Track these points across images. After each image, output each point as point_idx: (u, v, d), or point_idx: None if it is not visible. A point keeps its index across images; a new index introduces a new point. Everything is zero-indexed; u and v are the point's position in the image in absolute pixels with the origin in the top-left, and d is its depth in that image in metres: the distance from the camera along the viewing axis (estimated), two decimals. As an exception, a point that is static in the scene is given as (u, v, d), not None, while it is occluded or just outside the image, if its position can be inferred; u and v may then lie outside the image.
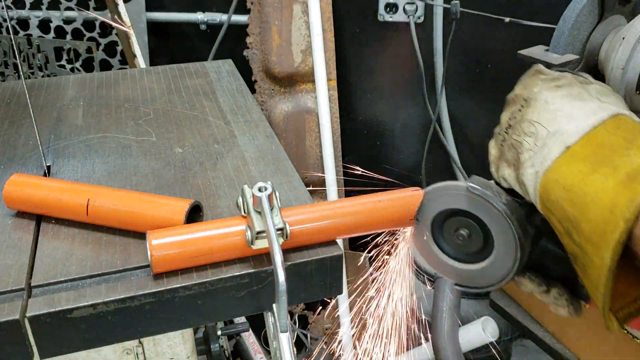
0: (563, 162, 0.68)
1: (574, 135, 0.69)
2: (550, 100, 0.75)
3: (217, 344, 1.04)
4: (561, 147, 0.69)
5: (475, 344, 1.58)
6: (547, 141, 0.70)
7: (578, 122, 0.70)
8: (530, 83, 0.80)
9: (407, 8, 1.90)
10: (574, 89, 0.76)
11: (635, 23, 1.30)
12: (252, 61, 1.96)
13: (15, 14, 1.90)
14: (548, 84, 0.78)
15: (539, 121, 0.73)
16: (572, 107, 0.73)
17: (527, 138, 0.74)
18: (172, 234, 0.72)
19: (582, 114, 0.71)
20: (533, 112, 0.75)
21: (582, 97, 0.75)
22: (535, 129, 0.73)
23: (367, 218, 0.79)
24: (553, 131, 0.71)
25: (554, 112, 0.73)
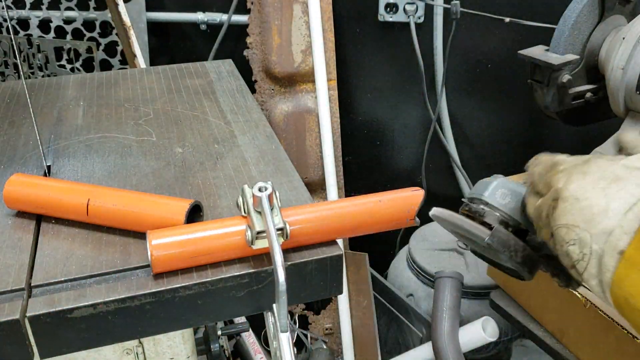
0: (623, 275, 0.58)
1: (621, 237, 0.58)
2: (580, 195, 0.63)
3: (217, 344, 1.04)
4: (614, 254, 0.58)
5: (475, 344, 1.58)
6: (594, 246, 0.60)
7: (621, 216, 0.59)
8: (552, 179, 0.68)
9: (407, 8, 1.90)
10: (606, 171, 0.63)
11: (635, 23, 1.30)
12: (252, 61, 1.96)
13: (15, 14, 1.90)
14: (572, 173, 0.66)
15: (576, 224, 0.62)
16: (607, 197, 0.61)
17: (572, 247, 0.63)
18: (172, 234, 0.72)
19: (621, 204, 0.59)
20: (566, 215, 0.63)
21: (617, 177, 0.62)
22: (577, 235, 0.62)
23: (367, 218, 0.79)
24: (597, 234, 0.60)
25: (589, 209, 0.61)
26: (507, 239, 0.74)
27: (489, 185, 0.78)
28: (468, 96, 2.06)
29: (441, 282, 1.61)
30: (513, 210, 0.76)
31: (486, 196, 0.77)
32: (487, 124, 2.11)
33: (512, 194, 0.77)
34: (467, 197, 0.81)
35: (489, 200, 0.77)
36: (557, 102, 1.39)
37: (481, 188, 0.79)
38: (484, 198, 0.77)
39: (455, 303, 1.59)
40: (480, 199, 0.78)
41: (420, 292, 1.85)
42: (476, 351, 1.63)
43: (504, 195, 0.77)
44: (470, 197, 0.80)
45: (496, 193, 0.77)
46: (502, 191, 0.77)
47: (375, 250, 2.11)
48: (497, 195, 0.77)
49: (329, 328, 2.17)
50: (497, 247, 0.74)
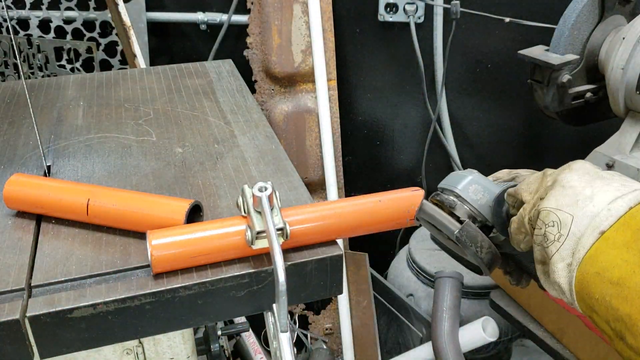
0: (599, 250, 0.60)
1: (606, 218, 0.61)
2: (566, 184, 0.66)
3: (217, 344, 1.04)
4: (594, 233, 0.61)
5: (475, 344, 1.58)
6: (574, 228, 0.63)
7: (607, 204, 0.62)
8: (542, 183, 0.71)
9: (407, 8, 1.90)
10: (590, 170, 0.68)
11: (635, 23, 1.30)
12: (252, 61, 1.96)
13: (15, 14, 1.90)
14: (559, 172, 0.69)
15: (560, 207, 0.65)
16: (592, 187, 0.64)
17: (550, 228, 0.65)
18: (172, 234, 0.72)
19: (606, 195, 0.63)
20: (550, 200, 0.66)
21: (601, 176, 0.66)
22: (557, 217, 0.64)
23: (367, 218, 0.79)
24: (579, 215, 0.63)
25: (574, 196, 0.64)
26: (475, 235, 0.76)
27: (463, 179, 0.80)
28: (468, 96, 2.06)
29: (441, 282, 1.61)
30: (483, 207, 0.78)
31: (459, 189, 0.79)
32: (487, 124, 2.11)
33: (485, 191, 0.79)
34: (439, 187, 0.82)
35: (461, 193, 0.79)
36: (557, 102, 1.39)
37: (454, 180, 0.80)
38: (456, 191, 0.79)
39: (455, 303, 1.59)
40: (453, 190, 0.80)
41: (420, 292, 1.85)
42: (476, 351, 1.63)
43: (477, 192, 0.78)
44: (442, 188, 0.82)
45: (469, 188, 0.79)
46: (475, 187, 0.79)
47: (375, 250, 2.11)
48: (470, 191, 0.79)
49: (329, 328, 2.17)
50: (465, 241, 0.75)
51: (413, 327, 1.83)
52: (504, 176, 0.87)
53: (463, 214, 0.78)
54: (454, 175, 0.82)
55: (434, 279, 1.66)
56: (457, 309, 1.59)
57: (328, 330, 2.17)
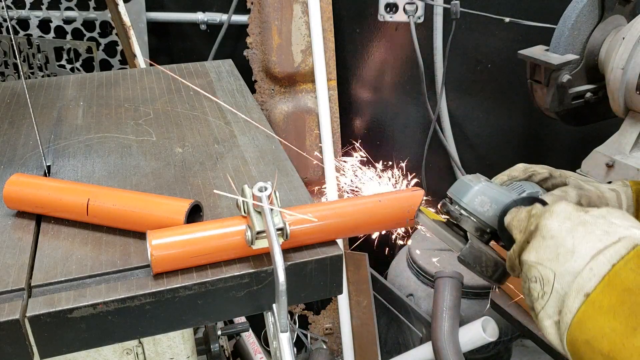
0: (587, 315, 0.57)
1: (590, 278, 0.58)
2: (546, 233, 0.63)
3: (217, 343, 1.04)
4: (579, 295, 0.58)
5: (475, 343, 1.58)
6: (557, 285, 0.60)
7: (589, 260, 0.59)
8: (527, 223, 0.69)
9: (407, 8, 1.90)
10: (572, 213, 0.64)
11: (635, 23, 1.30)
12: (252, 61, 1.96)
13: (15, 14, 1.90)
14: (541, 215, 0.66)
15: (540, 262, 0.62)
16: (574, 238, 0.61)
17: (533, 284, 0.63)
18: (172, 234, 0.72)
19: (587, 247, 0.59)
20: (531, 252, 0.64)
21: (583, 221, 0.63)
22: (539, 272, 0.62)
23: (367, 218, 0.79)
24: (561, 272, 0.60)
25: (554, 249, 0.62)
26: (479, 255, 0.74)
27: (469, 190, 0.77)
28: (468, 96, 2.06)
29: (441, 282, 1.61)
30: (491, 218, 0.76)
31: (464, 202, 0.76)
32: (487, 124, 2.11)
33: (492, 202, 0.76)
34: (447, 196, 0.80)
35: (467, 207, 0.76)
36: (557, 102, 1.39)
37: (461, 190, 0.78)
38: (462, 204, 0.77)
39: (455, 303, 1.59)
40: (459, 203, 0.77)
41: (420, 292, 1.85)
42: (476, 351, 1.63)
43: (483, 203, 0.76)
44: (450, 197, 0.79)
45: (475, 200, 0.76)
46: (481, 199, 0.76)
47: (375, 250, 2.11)
48: (476, 203, 0.76)
49: (329, 328, 2.17)
50: (469, 263, 0.74)
51: (413, 327, 1.83)
52: (520, 174, 0.84)
53: (470, 227, 0.76)
54: (461, 183, 0.79)
55: (434, 279, 1.66)
56: (457, 309, 1.59)
57: (328, 330, 2.17)
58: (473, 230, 0.76)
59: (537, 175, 0.85)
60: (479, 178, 0.79)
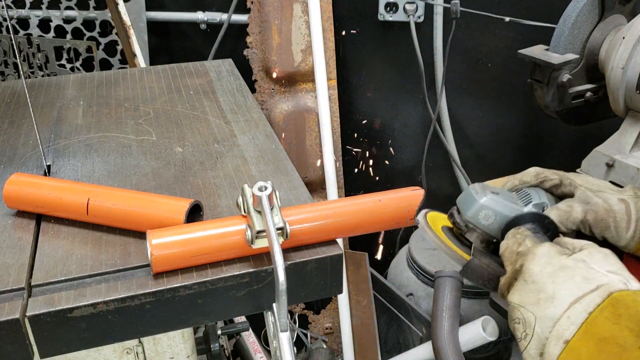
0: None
1: (568, 326, 0.60)
2: (528, 277, 0.66)
3: (217, 343, 1.04)
4: (559, 342, 0.60)
5: (475, 343, 1.58)
6: (537, 329, 0.63)
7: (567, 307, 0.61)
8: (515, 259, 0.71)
9: (407, 7, 1.90)
10: (554, 257, 0.67)
11: (635, 23, 1.30)
12: (252, 61, 1.96)
13: (15, 14, 1.90)
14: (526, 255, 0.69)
15: (523, 304, 0.65)
16: (554, 284, 0.64)
17: (516, 325, 0.66)
18: (172, 234, 0.72)
19: (567, 294, 0.62)
20: (514, 294, 0.67)
21: (564, 265, 0.65)
22: (521, 314, 0.65)
23: (367, 217, 0.79)
24: (541, 317, 0.63)
25: (536, 293, 0.64)
26: (482, 271, 0.75)
27: (474, 204, 0.77)
28: (468, 96, 2.06)
29: (441, 282, 1.61)
30: (496, 230, 0.77)
31: (469, 216, 0.77)
32: (487, 124, 2.11)
33: (496, 216, 0.77)
34: (455, 205, 0.81)
35: (471, 221, 0.77)
36: (557, 102, 1.39)
37: (467, 203, 0.78)
38: (466, 217, 0.78)
39: (455, 302, 1.59)
40: (464, 216, 0.78)
41: (420, 292, 1.85)
42: (476, 351, 1.63)
43: (487, 217, 0.77)
44: (457, 208, 0.80)
45: (479, 215, 0.77)
46: (485, 213, 0.77)
47: (375, 250, 2.11)
48: (481, 217, 0.77)
49: (329, 327, 2.17)
50: (471, 277, 0.75)
51: (413, 326, 1.83)
52: (531, 180, 0.85)
53: (475, 240, 0.77)
54: (467, 194, 0.80)
55: (433, 278, 1.66)
56: (457, 309, 1.59)
57: (328, 329, 2.17)
58: (478, 242, 0.77)
59: (548, 181, 0.85)
60: (485, 190, 0.79)
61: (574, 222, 0.79)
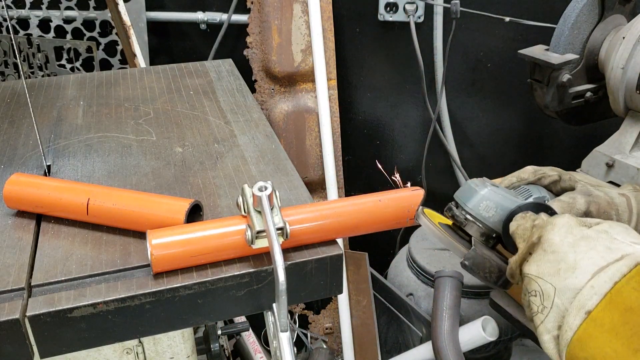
0: (588, 333, 0.57)
1: (591, 296, 0.57)
2: (548, 247, 0.63)
3: (217, 343, 1.04)
4: (580, 313, 0.58)
5: (475, 343, 1.58)
6: (557, 300, 0.60)
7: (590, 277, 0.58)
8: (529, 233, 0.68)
9: (407, 8, 1.90)
10: (574, 227, 0.64)
11: (635, 23, 1.30)
12: (252, 61, 1.96)
13: (15, 14, 1.90)
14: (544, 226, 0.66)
15: (541, 276, 0.62)
16: (576, 253, 0.61)
17: (533, 298, 0.63)
18: (172, 234, 0.72)
19: (589, 263, 0.59)
20: (532, 265, 0.64)
21: (586, 235, 0.62)
22: (539, 286, 0.62)
23: (367, 217, 0.79)
24: (561, 288, 0.60)
25: (555, 264, 0.61)
26: (482, 262, 0.73)
27: (474, 195, 0.76)
28: (468, 96, 2.06)
29: (441, 282, 1.61)
30: (496, 223, 0.75)
31: (469, 207, 0.76)
32: (487, 124, 2.11)
33: (497, 208, 0.75)
34: (455, 197, 0.80)
35: (472, 212, 0.76)
36: (557, 102, 1.39)
37: (467, 195, 0.77)
38: (467, 209, 0.76)
39: (455, 302, 1.58)
40: (464, 208, 0.77)
41: (420, 292, 1.85)
42: (476, 351, 1.63)
43: (488, 209, 0.75)
44: (456, 202, 0.79)
45: (480, 205, 0.76)
46: (486, 204, 0.75)
47: (375, 250, 2.11)
48: (481, 208, 0.75)
49: (329, 327, 2.17)
50: (472, 268, 0.74)
51: (413, 326, 1.83)
52: (529, 177, 0.84)
53: (475, 233, 0.76)
54: (467, 187, 0.79)
55: (433, 278, 1.66)
56: (457, 309, 1.59)
57: (328, 329, 2.17)
58: (478, 236, 0.76)
59: (547, 178, 0.84)
60: (484, 182, 0.78)
61: (577, 213, 0.77)
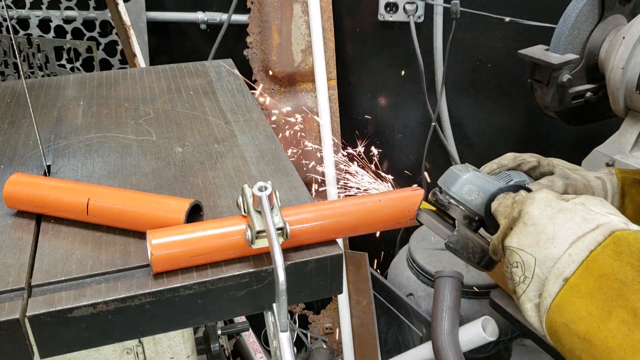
0: (565, 299, 0.60)
1: (569, 264, 0.60)
2: (527, 220, 0.66)
3: (217, 343, 1.04)
4: (558, 280, 0.61)
5: (475, 343, 1.58)
6: (537, 270, 0.63)
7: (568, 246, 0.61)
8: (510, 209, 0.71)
9: (407, 8, 1.90)
10: (552, 200, 0.67)
11: (635, 23, 1.30)
12: (252, 61, 1.96)
13: (15, 14, 1.90)
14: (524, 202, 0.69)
15: (522, 247, 0.65)
16: (554, 225, 0.64)
17: (514, 269, 0.65)
18: (172, 234, 0.72)
19: (567, 234, 0.62)
20: (513, 238, 0.67)
21: (563, 207, 0.65)
22: (520, 258, 0.65)
23: (367, 217, 0.79)
24: (541, 258, 0.63)
25: (535, 235, 0.64)
26: (466, 242, 0.76)
27: (457, 179, 0.79)
28: (468, 96, 2.06)
29: (441, 282, 1.61)
30: (479, 206, 0.78)
31: (453, 191, 0.79)
32: (487, 124, 2.11)
33: (480, 191, 0.78)
34: (438, 183, 0.82)
35: (455, 195, 0.78)
36: (557, 102, 1.39)
37: (450, 180, 0.80)
38: (450, 192, 0.79)
39: (455, 303, 1.59)
40: (447, 192, 0.79)
41: (420, 292, 1.85)
42: (476, 351, 1.63)
43: (471, 192, 0.78)
44: (439, 186, 0.82)
45: (463, 189, 0.78)
46: (469, 187, 0.78)
47: (375, 250, 2.11)
48: (464, 191, 0.78)
49: (329, 327, 2.17)
50: (456, 249, 0.76)
51: (413, 326, 1.83)
52: (509, 163, 0.87)
53: (458, 215, 0.78)
54: (450, 172, 0.81)
55: (433, 278, 1.66)
56: (457, 309, 1.59)
57: (328, 329, 2.17)
58: (461, 219, 0.78)
59: (526, 163, 0.87)
60: (467, 168, 0.81)
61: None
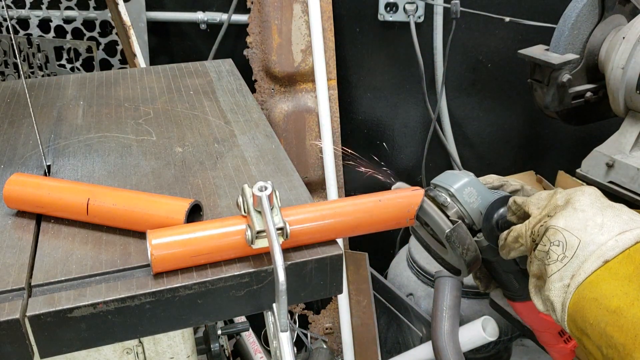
0: (601, 278, 0.61)
1: (612, 249, 0.62)
2: (578, 206, 0.67)
3: (217, 343, 1.04)
4: (598, 261, 0.62)
5: (475, 343, 1.58)
6: (579, 252, 0.64)
7: (615, 235, 0.63)
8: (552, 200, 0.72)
9: (407, 8, 1.90)
10: (601, 197, 0.69)
11: (635, 23, 1.30)
12: (252, 61, 1.96)
13: (15, 14, 1.90)
14: (571, 193, 0.70)
15: (568, 229, 0.66)
16: (603, 216, 0.66)
17: (554, 247, 0.66)
18: (172, 234, 0.72)
19: (615, 226, 0.64)
20: (559, 219, 0.67)
21: (612, 205, 0.67)
22: (564, 238, 0.66)
23: (367, 217, 0.79)
24: (586, 241, 0.64)
25: (584, 221, 0.66)
26: (465, 237, 0.77)
27: (460, 180, 0.80)
28: (468, 96, 2.06)
29: (441, 282, 1.61)
30: (474, 211, 0.79)
31: (454, 189, 0.79)
32: (487, 124, 2.11)
33: (479, 196, 0.79)
34: (432, 183, 0.82)
35: (455, 194, 0.79)
36: (557, 102, 1.39)
37: (451, 179, 0.80)
38: (451, 190, 0.79)
39: (455, 303, 1.59)
40: (448, 189, 0.80)
41: (420, 292, 1.85)
42: (476, 351, 1.63)
43: (471, 195, 0.79)
44: (436, 184, 0.82)
45: (465, 190, 0.79)
46: (470, 190, 0.79)
47: (375, 250, 2.11)
48: (465, 193, 0.79)
49: (329, 327, 2.17)
50: (455, 241, 0.77)
51: (413, 326, 1.83)
52: (493, 182, 0.87)
53: (454, 214, 0.79)
54: (450, 174, 0.82)
55: (433, 278, 1.66)
56: (457, 309, 1.59)
57: (328, 329, 2.17)
58: (455, 217, 0.79)
59: (509, 186, 0.88)
60: (467, 173, 0.82)
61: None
